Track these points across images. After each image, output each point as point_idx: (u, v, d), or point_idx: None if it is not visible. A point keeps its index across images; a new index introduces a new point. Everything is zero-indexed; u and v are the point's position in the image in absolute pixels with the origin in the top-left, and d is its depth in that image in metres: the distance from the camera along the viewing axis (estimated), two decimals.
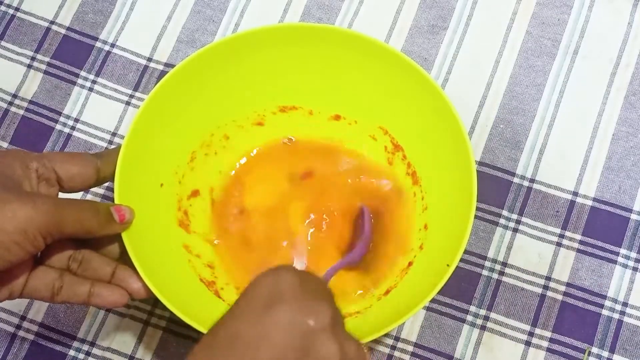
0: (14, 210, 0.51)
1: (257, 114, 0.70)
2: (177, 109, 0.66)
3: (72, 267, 0.58)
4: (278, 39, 0.66)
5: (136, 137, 0.62)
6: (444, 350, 0.67)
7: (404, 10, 0.76)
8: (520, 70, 0.74)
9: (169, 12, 0.77)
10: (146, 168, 0.64)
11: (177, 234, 0.66)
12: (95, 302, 0.58)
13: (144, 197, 0.63)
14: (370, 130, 0.70)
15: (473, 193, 0.61)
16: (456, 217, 0.62)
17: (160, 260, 0.63)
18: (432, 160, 0.67)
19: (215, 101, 0.68)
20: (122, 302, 0.59)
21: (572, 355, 0.67)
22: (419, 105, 0.66)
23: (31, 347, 0.68)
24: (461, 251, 0.59)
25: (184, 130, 0.67)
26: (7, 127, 0.73)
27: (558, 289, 0.68)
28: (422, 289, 0.60)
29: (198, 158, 0.68)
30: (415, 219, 0.67)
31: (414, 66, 0.64)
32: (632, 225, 0.70)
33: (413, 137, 0.68)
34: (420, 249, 0.65)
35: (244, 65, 0.67)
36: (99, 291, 0.58)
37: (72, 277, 0.58)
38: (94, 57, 0.75)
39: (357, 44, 0.65)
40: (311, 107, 0.70)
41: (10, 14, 0.76)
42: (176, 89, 0.65)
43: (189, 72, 0.65)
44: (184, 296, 0.62)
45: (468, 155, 0.62)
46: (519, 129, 0.72)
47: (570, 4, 0.76)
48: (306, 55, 0.67)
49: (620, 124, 0.72)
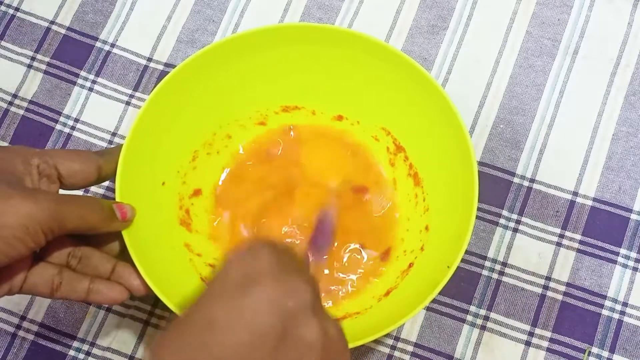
0: (16, 205, 0.51)
1: (260, 113, 0.70)
2: (178, 108, 0.66)
3: (71, 264, 0.58)
4: (280, 38, 0.66)
5: (138, 136, 0.62)
6: (444, 350, 0.67)
7: (404, 10, 0.76)
8: (520, 70, 0.74)
9: (169, 12, 0.77)
10: (147, 167, 0.64)
11: (179, 233, 0.66)
12: (94, 298, 0.58)
13: (145, 196, 0.63)
14: (372, 131, 0.70)
15: (474, 194, 0.61)
16: (457, 218, 0.62)
17: (160, 258, 0.63)
18: (433, 161, 0.67)
19: (217, 101, 0.68)
20: (121, 298, 0.59)
21: (572, 355, 0.67)
22: (421, 106, 0.66)
23: (31, 347, 0.68)
24: (462, 252, 0.59)
25: (185, 130, 0.67)
26: (7, 127, 0.73)
27: (558, 289, 0.68)
28: (422, 290, 0.60)
29: (200, 157, 0.69)
30: (417, 220, 0.67)
31: (417, 67, 0.64)
32: (632, 225, 0.70)
33: (415, 138, 0.68)
34: (422, 250, 0.65)
35: (246, 64, 0.67)
36: (98, 288, 0.58)
37: (72, 274, 0.58)
38: (94, 57, 0.75)
39: (359, 44, 0.65)
40: (314, 107, 0.70)
41: (10, 14, 0.76)
42: (178, 88, 0.65)
43: (190, 71, 0.65)
44: (185, 295, 0.62)
45: (470, 157, 0.62)
46: (519, 129, 0.72)
47: (570, 4, 0.76)
48: (309, 56, 0.67)
49: (620, 124, 0.72)
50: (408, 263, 0.65)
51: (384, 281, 0.67)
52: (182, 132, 0.67)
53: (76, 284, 0.57)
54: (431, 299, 0.58)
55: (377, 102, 0.68)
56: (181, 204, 0.67)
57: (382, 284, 0.66)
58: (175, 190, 0.67)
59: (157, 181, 0.66)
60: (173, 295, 0.59)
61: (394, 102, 0.68)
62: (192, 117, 0.67)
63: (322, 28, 0.67)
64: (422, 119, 0.66)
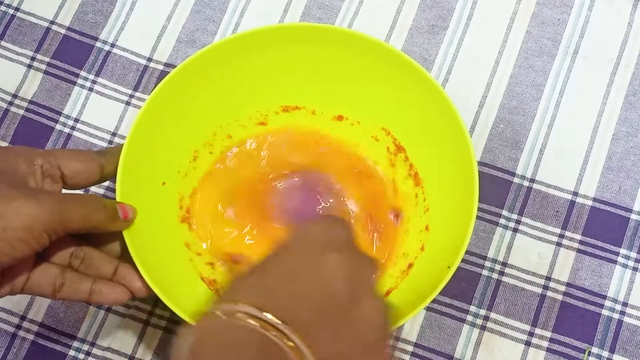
0: (19, 207, 0.51)
1: (260, 113, 0.70)
2: (179, 108, 0.66)
3: (73, 264, 0.58)
4: (281, 38, 0.66)
5: (138, 136, 0.62)
6: (444, 350, 0.67)
7: (404, 10, 0.76)
8: (520, 70, 0.74)
9: (169, 12, 0.77)
10: (148, 167, 0.64)
11: (179, 232, 0.66)
12: (96, 299, 0.58)
13: (145, 195, 0.63)
14: (373, 131, 0.70)
15: (475, 195, 0.61)
16: (457, 219, 0.62)
17: (161, 258, 0.63)
18: (434, 162, 0.67)
19: (218, 101, 0.68)
20: (122, 299, 0.59)
21: (572, 355, 0.67)
22: (421, 106, 0.66)
23: (31, 346, 0.68)
24: (462, 253, 0.59)
25: (186, 129, 0.67)
26: (7, 127, 0.73)
27: (558, 289, 0.68)
28: (422, 291, 0.60)
29: (200, 157, 0.69)
30: (417, 220, 0.67)
31: (417, 67, 0.64)
32: (632, 225, 0.70)
33: (415, 138, 0.68)
34: (422, 250, 0.65)
35: (247, 64, 0.67)
36: (101, 289, 0.58)
37: (74, 274, 0.58)
38: (94, 57, 0.75)
39: (360, 44, 0.65)
40: (314, 107, 0.70)
41: (10, 14, 0.76)
42: (178, 88, 0.65)
43: (191, 71, 0.65)
44: (185, 295, 0.62)
45: (470, 157, 0.62)
46: (519, 129, 0.72)
47: (570, 4, 0.76)
48: (309, 56, 0.67)
49: (620, 124, 0.72)
50: (408, 263, 0.65)
51: (383, 282, 0.67)
52: (182, 132, 0.67)
53: (78, 285, 0.58)
54: (430, 300, 0.58)
55: (377, 102, 0.68)
56: (181, 204, 0.67)
57: (382, 285, 0.66)
58: (175, 190, 0.67)
59: (158, 181, 0.66)
60: (174, 295, 0.59)
61: (394, 102, 0.68)
62: (193, 117, 0.67)
63: (322, 28, 0.67)
64: (423, 119, 0.66)
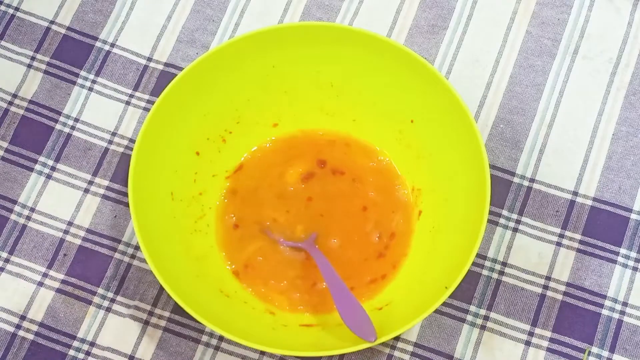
0: None
1: (272, 113, 0.71)
2: (184, 114, 0.67)
3: None
4: (283, 38, 0.67)
5: (145, 146, 0.64)
6: (444, 350, 0.67)
7: (404, 10, 0.76)
8: (520, 70, 0.74)
9: (169, 12, 0.77)
10: (157, 175, 0.66)
11: (192, 240, 0.68)
12: None
13: (157, 205, 0.65)
14: (387, 134, 0.70)
15: (485, 204, 0.61)
16: (462, 238, 0.63)
17: (176, 267, 0.64)
18: (445, 170, 0.67)
19: (224, 102, 0.69)
20: None
21: (572, 355, 0.67)
22: (438, 113, 0.66)
23: (31, 347, 0.68)
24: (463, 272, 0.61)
25: (191, 134, 0.68)
26: (7, 127, 0.73)
27: (558, 289, 0.68)
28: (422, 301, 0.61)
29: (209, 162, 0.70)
30: (418, 222, 0.68)
31: (430, 68, 0.65)
32: (632, 225, 0.70)
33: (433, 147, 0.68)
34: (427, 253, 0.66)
35: (252, 65, 0.68)
36: None
37: None
38: (94, 56, 0.75)
39: (368, 43, 0.66)
40: (327, 110, 0.71)
41: (10, 14, 0.76)
42: (182, 94, 0.66)
43: (193, 75, 0.66)
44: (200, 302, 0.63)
45: (483, 168, 0.63)
46: (519, 129, 0.72)
47: (570, 4, 0.76)
48: (321, 56, 0.67)
49: (620, 124, 0.72)
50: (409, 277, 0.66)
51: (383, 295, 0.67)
52: (188, 138, 0.68)
53: None
54: (430, 312, 0.60)
55: (391, 104, 0.69)
56: (194, 211, 0.68)
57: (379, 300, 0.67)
58: (188, 196, 0.68)
59: (167, 191, 0.67)
60: (192, 302, 0.60)
61: (409, 106, 0.68)
62: (198, 122, 0.68)
63: (335, 28, 0.68)
64: (437, 126, 0.67)
